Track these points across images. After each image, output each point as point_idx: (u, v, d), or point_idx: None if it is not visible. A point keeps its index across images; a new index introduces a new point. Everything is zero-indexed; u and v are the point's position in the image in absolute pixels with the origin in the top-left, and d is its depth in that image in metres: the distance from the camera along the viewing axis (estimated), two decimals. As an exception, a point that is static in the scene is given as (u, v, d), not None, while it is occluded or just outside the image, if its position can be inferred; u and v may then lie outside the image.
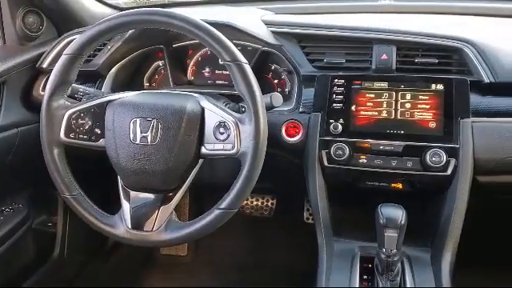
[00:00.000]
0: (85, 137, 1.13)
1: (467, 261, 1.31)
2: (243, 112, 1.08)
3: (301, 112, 1.31)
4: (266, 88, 1.41)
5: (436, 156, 1.15)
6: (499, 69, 1.21)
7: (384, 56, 1.28)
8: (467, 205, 1.20)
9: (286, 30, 1.38)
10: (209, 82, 1.50)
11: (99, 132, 1.12)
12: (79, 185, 1.13)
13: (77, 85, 1.23)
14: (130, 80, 1.51)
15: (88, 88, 1.27)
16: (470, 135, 1.17)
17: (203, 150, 1.08)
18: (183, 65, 1.52)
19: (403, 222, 1.05)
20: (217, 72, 1.50)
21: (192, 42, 1.48)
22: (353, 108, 1.25)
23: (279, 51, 1.37)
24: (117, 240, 1.14)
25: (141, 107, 1.07)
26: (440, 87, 1.21)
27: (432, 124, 1.20)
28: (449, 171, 1.16)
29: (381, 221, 1.06)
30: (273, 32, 1.39)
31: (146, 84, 1.53)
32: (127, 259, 2.07)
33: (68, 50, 1.09)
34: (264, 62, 1.43)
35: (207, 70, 1.50)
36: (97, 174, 1.44)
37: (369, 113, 1.24)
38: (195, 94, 1.13)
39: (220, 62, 1.07)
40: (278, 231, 2.10)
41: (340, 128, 1.23)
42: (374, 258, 1.16)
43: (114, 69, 1.47)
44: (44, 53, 1.48)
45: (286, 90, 1.43)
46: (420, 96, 1.21)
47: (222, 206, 1.04)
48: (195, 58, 1.51)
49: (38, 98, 1.45)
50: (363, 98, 1.25)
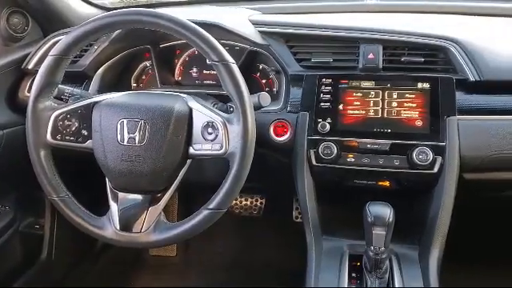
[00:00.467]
0: (72, 138, 1.12)
1: (454, 257, 1.32)
2: (231, 112, 1.08)
3: (289, 111, 1.31)
4: (254, 88, 1.41)
5: (422, 154, 1.17)
6: (484, 67, 1.22)
7: (371, 55, 1.28)
8: (454, 202, 1.21)
9: (274, 30, 1.38)
10: (196, 82, 1.50)
11: (86, 133, 1.11)
12: (66, 186, 1.12)
13: (63, 86, 1.22)
14: (117, 81, 1.50)
15: (74, 89, 1.26)
16: (456, 133, 1.19)
17: (191, 151, 1.07)
18: (171, 65, 1.51)
19: (391, 220, 1.06)
20: (204, 72, 1.49)
21: (179, 42, 1.47)
22: (340, 107, 1.25)
23: (267, 51, 1.37)
24: (105, 242, 1.14)
25: (128, 108, 1.07)
26: (426, 86, 1.22)
27: (418, 122, 1.21)
28: (435, 169, 1.18)
29: (369, 219, 1.07)
30: (260, 32, 1.39)
31: (134, 84, 1.52)
32: (116, 261, 2.06)
33: (54, 51, 1.08)
34: (252, 62, 1.43)
35: (195, 70, 1.50)
36: (84, 176, 1.43)
37: (356, 112, 1.24)
38: (183, 95, 1.12)
39: (207, 62, 1.07)
40: (268, 231, 2.11)
41: (328, 127, 1.24)
42: (363, 256, 1.17)
43: (101, 69, 1.45)
44: (29, 54, 1.47)
45: (274, 90, 1.43)
46: (406, 95, 1.23)
47: (211, 207, 1.04)
48: (183, 58, 1.51)
49: (24, 100, 1.43)
50: (350, 97, 1.25)
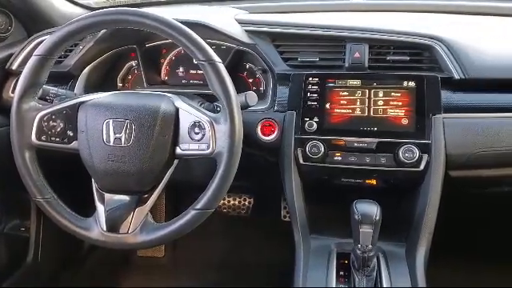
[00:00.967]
0: (57, 139, 1.11)
1: (441, 254, 1.33)
2: (218, 111, 1.08)
3: (276, 111, 1.31)
4: (241, 87, 1.41)
5: (409, 152, 1.17)
6: (469, 65, 1.24)
7: (357, 54, 1.29)
8: (440, 199, 1.22)
9: (260, 29, 1.38)
10: (183, 82, 1.49)
11: (72, 134, 1.10)
12: (52, 188, 1.11)
13: (48, 86, 1.21)
14: (103, 81, 1.49)
15: (59, 89, 1.25)
16: (442, 131, 1.20)
17: (178, 151, 1.07)
18: (157, 65, 1.50)
19: (378, 218, 1.07)
20: (191, 72, 1.49)
21: (165, 42, 1.47)
22: (327, 106, 1.26)
23: (253, 50, 1.37)
24: (92, 243, 1.13)
25: (114, 108, 1.06)
26: (412, 84, 1.23)
27: (404, 121, 1.21)
28: (421, 167, 1.18)
29: (356, 217, 1.07)
30: (247, 31, 1.39)
31: (120, 84, 1.51)
32: (103, 262, 2.05)
33: (38, 51, 1.07)
34: (238, 61, 1.43)
35: (181, 70, 1.49)
36: (70, 177, 1.41)
37: (343, 110, 1.25)
38: (169, 94, 1.12)
39: (194, 62, 1.06)
40: (256, 230, 2.10)
41: (315, 126, 1.24)
42: (350, 254, 1.17)
43: (87, 69, 1.44)
44: (13, 54, 1.45)
45: (261, 89, 1.44)
46: (392, 93, 1.23)
47: (198, 207, 1.04)
48: (169, 58, 1.50)
49: (8, 101, 1.41)
50: (337, 96, 1.26)
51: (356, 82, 1.26)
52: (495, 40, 1.38)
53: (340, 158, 1.23)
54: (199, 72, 1.47)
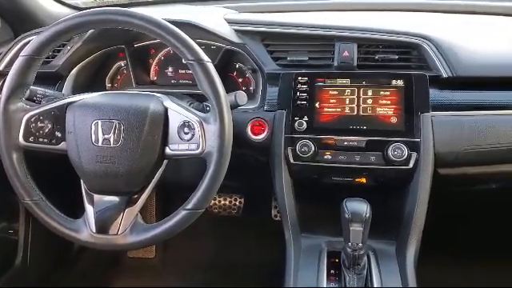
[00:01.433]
0: (45, 140, 1.10)
1: (431, 251, 1.34)
2: (207, 111, 1.07)
3: (266, 110, 1.31)
4: (231, 87, 1.40)
5: (398, 150, 1.18)
6: (457, 64, 1.24)
7: (346, 53, 1.29)
8: (430, 197, 1.23)
9: (250, 29, 1.38)
10: (172, 82, 1.49)
11: (60, 135, 1.09)
12: (40, 189, 1.10)
13: (35, 87, 1.20)
14: (92, 81, 1.48)
15: (47, 90, 1.24)
16: (430, 129, 1.20)
17: (167, 151, 1.07)
18: (146, 65, 1.50)
19: (368, 216, 1.07)
20: (180, 71, 1.48)
21: (154, 42, 1.46)
22: (317, 105, 1.26)
23: (243, 50, 1.37)
24: (81, 245, 1.12)
25: (102, 108, 1.05)
26: (400, 83, 1.23)
27: (393, 119, 1.22)
28: (410, 165, 1.19)
29: (346, 215, 1.08)
30: (236, 30, 1.39)
31: (108, 85, 1.50)
32: (94, 264, 2.03)
33: (25, 52, 1.06)
34: (228, 61, 1.42)
35: (170, 70, 1.49)
36: (58, 178, 1.40)
37: (332, 109, 1.25)
38: (158, 94, 1.12)
39: (183, 62, 1.06)
40: (247, 230, 2.10)
41: (305, 125, 1.24)
42: (341, 253, 1.18)
43: (75, 70, 1.43)
44: (0, 54, 1.44)
45: (251, 89, 1.43)
46: (381, 92, 1.24)
47: (189, 207, 1.04)
48: (158, 58, 1.49)
49: (-5, 102, 1.40)
50: (326, 95, 1.26)
51: (345, 81, 1.26)
52: (482, 39, 1.39)
53: (330, 157, 1.23)
54: (188, 72, 1.46)
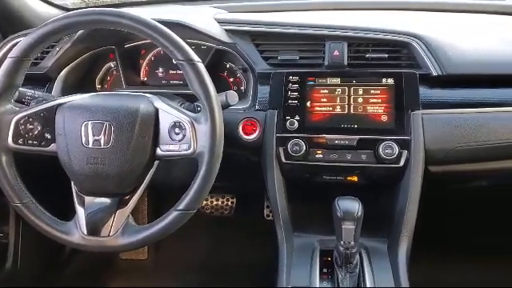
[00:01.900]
0: (35, 142, 1.09)
1: (423, 248, 1.35)
2: (198, 111, 1.07)
3: (257, 110, 1.31)
4: (222, 87, 1.40)
5: (388, 148, 1.19)
6: (446, 62, 1.25)
7: (336, 52, 1.30)
8: (421, 195, 1.23)
9: (240, 28, 1.38)
10: (163, 82, 1.48)
11: (50, 137, 1.09)
12: (30, 192, 1.09)
13: (24, 89, 1.19)
14: (81, 82, 1.47)
15: (36, 92, 1.23)
16: (421, 127, 1.21)
17: (158, 152, 1.06)
18: (136, 65, 1.49)
19: (360, 214, 1.08)
20: (171, 72, 1.48)
21: (144, 42, 1.45)
22: (308, 104, 1.26)
23: (233, 49, 1.37)
24: (73, 247, 1.11)
25: (92, 110, 1.05)
26: (390, 81, 1.24)
27: (384, 117, 1.23)
28: (401, 163, 1.20)
29: (338, 214, 1.08)
30: (226, 30, 1.39)
31: (98, 86, 1.49)
32: (86, 266, 2.02)
33: (13, 53, 1.05)
34: (218, 61, 1.42)
35: (161, 70, 1.48)
36: (49, 180, 1.39)
37: (323, 108, 1.25)
38: (148, 95, 1.11)
39: (173, 62, 1.06)
40: (239, 230, 2.10)
41: (296, 124, 1.24)
42: (333, 251, 1.18)
43: (64, 71, 1.42)
44: (-12, 56, 1.43)
45: (242, 88, 1.43)
46: (371, 90, 1.24)
47: (180, 207, 1.03)
48: (148, 58, 1.49)
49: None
50: (317, 94, 1.26)
51: (336, 80, 1.26)
52: (472, 37, 1.40)
53: (321, 156, 1.23)
54: (179, 72, 1.45)
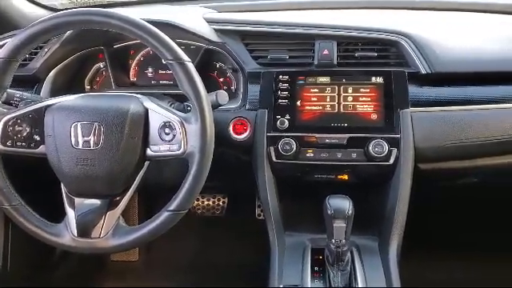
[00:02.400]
0: (23, 144, 1.08)
1: (413, 245, 1.36)
2: (188, 111, 1.07)
3: (248, 109, 1.31)
4: (212, 86, 1.40)
5: (378, 147, 1.19)
6: (434, 60, 1.26)
7: (325, 51, 1.30)
8: (411, 193, 1.24)
9: (229, 28, 1.38)
10: (152, 83, 1.48)
11: (38, 138, 1.08)
12: (19, 194, 1.09)
13: (12, 90, 1.18)
14: (70, 83, 1.46)
15: (25, 93, 1.22)
16: (410, 125, 1.22)
17: (149, 152, 1.06)
18: (125, 66, 1.48)
19: (350, 213, 1.08)
20: (160, 72, 1.47)
21: (133, 43, 1.45)
22: (298, 103, 1.26)
23: (223, 49, 1.37)
24: (63, 249, 1.11)
25: (81, 111, 1.04)
26: (379, 80, 1.25)
27: (373, 116, 1.23)
28: (391, 161, 1.20)
29: (329, 212, 1.08)
30: (216, 30, 1.39)
31: (87, 87, 1.49)
32: (76, 268, 2.00)
33: (0, 54, 1.04)
34: (208, 61, 1.42)
35: (150, 71, 1.48)
36: (38, 182, 1.38)
37: (313, 107, 1.26)
38: (138, 95, 1.11)
39: (163, 62, 1.05)
40: (231, 230, 2.10)
41: (286, 123, 1.25)
42: (325, 250, 1.18)
43: (53, 72, 1.41)
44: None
45: (232, 88, 1.43)
46: (361, 89, 1.25)
47: (171, 208, 1.03)
48: (137, 59, 1.48)
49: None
50: (307, 93, 1.27)
51: (325, 79, 1.27)
52: (460, 35, 1.41)
53: (312, 155, 1.24)
54: (168, 72, 1.45)
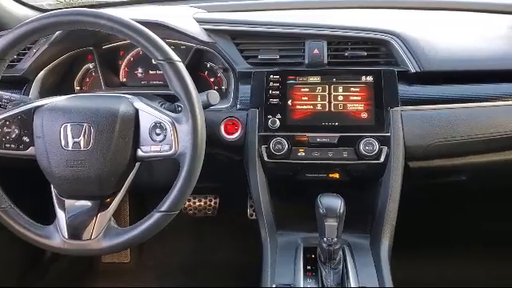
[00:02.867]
0: (12, 146, 1.07)
1: (405, 243, 1.37)
2: (179, 111, 1.06)
3: (239, 109, 1.31)
4: (203, 86, 1.40)
5: (369, 145, 1.20)
6: (423, 59, 1.27)
7: (316, 51, 1.30)
8: (402, 190, 1.25)
9: (220, 28, 1.38)
10: (143, 83, 1.47)
11: (28, 140, 1.07)
12: (9, 196, 1.08)
13: (0, 91, 1.17)
14: (59, 84, 1.45)
15: (13, 94, 1.21)
16: (400, 124, 1.23)
17: (139, 153, 1.05)
18: (115, 66, 1.48)
19: (342, 211, 1.08)
20: (150, 72, 1.47)
21: (123, 43, 1.44)
22: (289, 103, 1.26)
23: (213, 49, 1.37)
24: (54, 251, 1.10)
25: (71, 111, 1.04)
26: (369, 79, 1.25)
27: (364, 115, 1.24)
28: (382, 159, 1.21)
29: (320, 210, 1.09)
30: (206, 30, 1.39)
31: (77, 88, 1.48)
32: (67, 271, 1.99)
33: (-12, 55, 1.03)
34: (199, 61, 1.42)
35: (140, 71, 1.47)
36: (28, 184, 1.37)
37: (304, 107, 1.26)
38: (128, 96, 1.10)
39: (153, 62, 1.05)
40: (223, 230, 2.10)
41: (278, 123, 1.25)
42: (317, 248, 1.19)
43: (42, 73, 1.40)
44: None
45: (223, 88, 1.43)
46: (351, 88, 1.25)
47: (163, 209, 1.03)
48: (127, 59, 1.47)
49: (-42, 107, 1.36)
50: (298, 93, 1.27)
51: (316, 79, 1.27)
52: (449, 34, 1.42)
53: (304, 154, 1.24)
54: (159, 72, 1.45)
